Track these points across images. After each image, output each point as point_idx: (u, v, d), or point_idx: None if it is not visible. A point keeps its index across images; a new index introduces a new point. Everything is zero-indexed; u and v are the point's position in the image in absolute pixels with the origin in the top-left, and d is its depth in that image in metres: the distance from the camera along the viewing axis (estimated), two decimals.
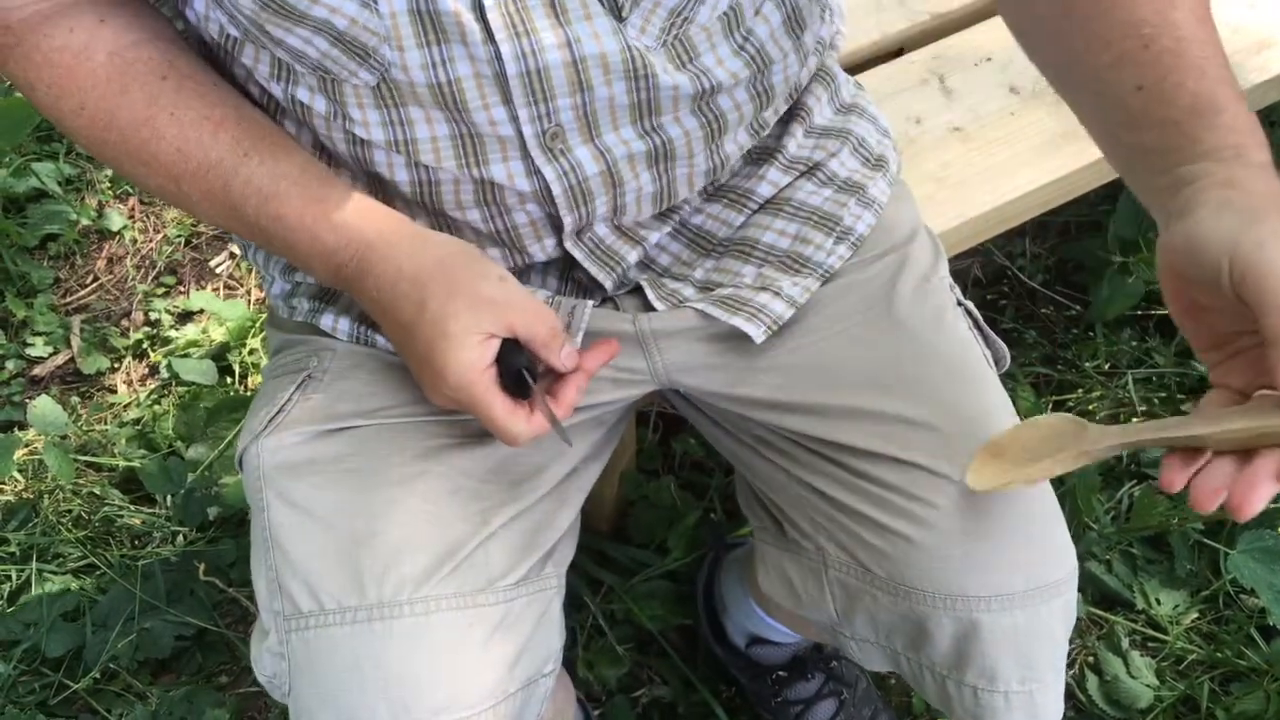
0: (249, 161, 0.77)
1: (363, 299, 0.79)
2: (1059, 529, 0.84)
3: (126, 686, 1.40)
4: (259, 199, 0.77)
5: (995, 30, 1.43)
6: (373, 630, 0.75)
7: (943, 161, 1.30)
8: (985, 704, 0.85)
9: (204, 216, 0.82)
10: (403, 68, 0.74)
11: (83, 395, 1.69)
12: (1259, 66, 1.40)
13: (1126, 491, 1.55)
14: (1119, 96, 0.69)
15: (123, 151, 0.78)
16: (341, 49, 0.74)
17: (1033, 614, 0.81)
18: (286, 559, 0.79)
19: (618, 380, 0.91)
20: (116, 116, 0.77)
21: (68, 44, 0.76)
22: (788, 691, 1.34)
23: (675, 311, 0.90)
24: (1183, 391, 1.64)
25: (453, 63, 0.74)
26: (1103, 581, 1.48)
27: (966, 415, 0.83)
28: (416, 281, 0.76)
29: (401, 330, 0.77)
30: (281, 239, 0.78)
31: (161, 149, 0.77)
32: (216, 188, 0.78)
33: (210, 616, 1.45)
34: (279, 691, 0.81)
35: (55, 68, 0.76)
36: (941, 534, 0.81)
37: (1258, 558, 1.36)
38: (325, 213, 0.77)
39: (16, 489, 1.57)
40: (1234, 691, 1.39)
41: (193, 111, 0.77)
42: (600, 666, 1.40)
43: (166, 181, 0.79)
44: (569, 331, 0.87)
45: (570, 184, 0.81)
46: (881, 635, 0.88)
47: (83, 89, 0.76)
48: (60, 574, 1.49)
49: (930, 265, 0.93)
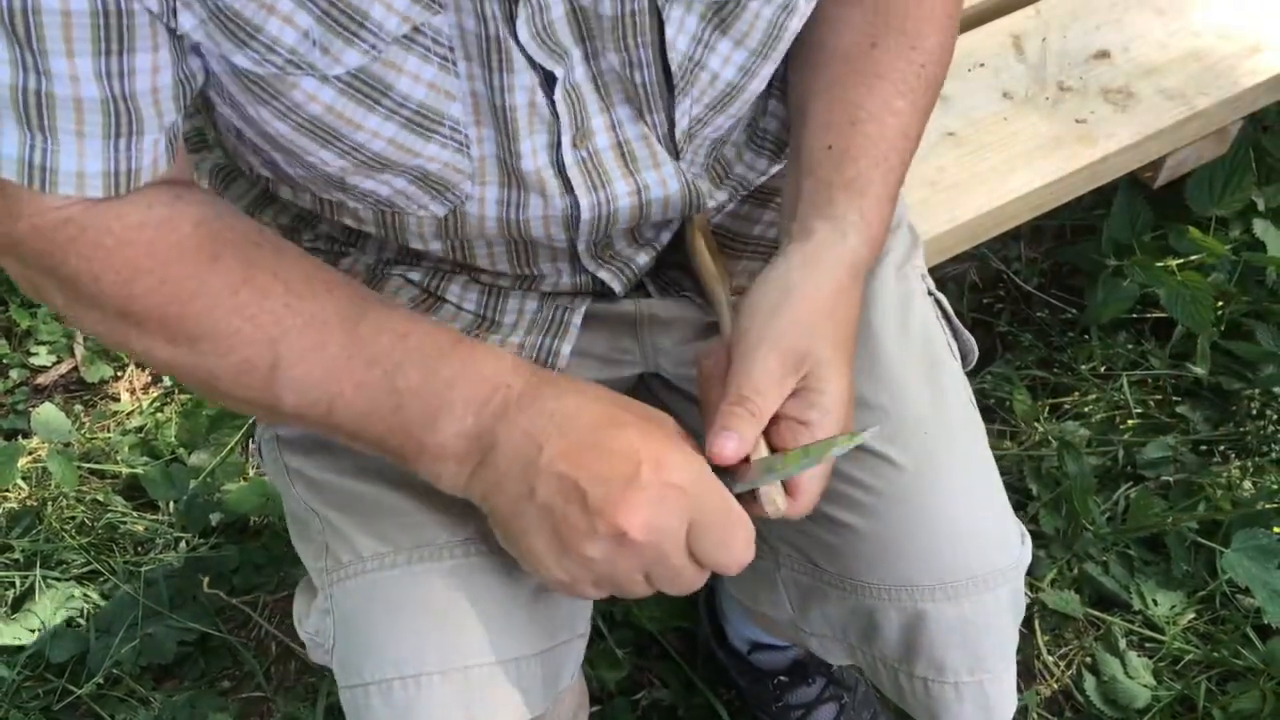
0: (376, 309, 0.73)
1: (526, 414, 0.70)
2: (1006, 518, 0.85)
3: (130, 692, 1.40)
4: (394, 336, 0.72)
5: (988, 37, 1.45)
6: (413, 573, 0.75)
7: (937, 166, 1.31)
8: (936, 695, 0.85)
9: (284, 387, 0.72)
10: (480, 200, 0.78)
11: (86, 403, 1.70)
12: (1249, 70, 1.41)
13: (1123, 493, 1.56)
14: (813, 147, 0.81)
15: (204, 320, 0.71)
16: (420, 186, 0.76)
17: (977, 603, 0.81)
18: (324, 520, 0.80)
19: (607, 360, 0.93)
20: (206, 284, 0.71)
21: (147, 220, 0.70)
22: (789, 696, 1.35)
23: (673, 300, 0.93)
24: (1178, 394, 1.65)
25: (526, 207, 0.78)
26: (1099, 582, 1.48)
27: (920, 401, 0.84)
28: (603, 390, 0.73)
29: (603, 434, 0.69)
30: (418, 373, 0.71)
31: (265, 307, 0.71)
32: (332, 338, 0.71)
33: (213, 622, 1.46)
34: (321, 649, 0.81)
35: (132, 246, 0.70)
36: (884, 521, 0.82)
37: (1251, 556, 1.36)
38: (482, 344, 0.74)
39: (20, 496, 1.59)
40: (1231, 691, 1.40)
41: (299, 271, 0.73)
42: (600, 669, 1.40)
43: (256, 350, 0.71)
44: (573, 307, 0.91)
45: (617, 269, 0.89)
46: (837, 630, 0.90)
47: (165, 263, 0.70)
48: (64, 580, 1.50)
49: (905, 255, 0.95)
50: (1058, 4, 1.48)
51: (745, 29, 0.75)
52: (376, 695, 0.75)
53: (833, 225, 0.77)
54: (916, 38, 0.83)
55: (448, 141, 0.73)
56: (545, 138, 0.75)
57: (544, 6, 0.68)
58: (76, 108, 0.64)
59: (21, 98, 0.64)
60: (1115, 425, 1.63)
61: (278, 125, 0.71)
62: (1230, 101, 1.40)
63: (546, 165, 0.76)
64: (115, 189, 0.69)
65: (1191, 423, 1.62)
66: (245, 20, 0.64)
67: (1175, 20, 1.46)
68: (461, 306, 0.89)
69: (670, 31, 0.73)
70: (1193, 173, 1.59)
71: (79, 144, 0.66)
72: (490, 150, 0.75)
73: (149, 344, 0.73)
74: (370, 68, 0.68)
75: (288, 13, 0.64)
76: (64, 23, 0.61)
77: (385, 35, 0.66)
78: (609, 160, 0.78)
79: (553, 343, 0.88)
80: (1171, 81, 1.40)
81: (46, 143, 0.65)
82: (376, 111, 0.70)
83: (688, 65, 0.75)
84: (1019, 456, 1.59)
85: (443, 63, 0.70)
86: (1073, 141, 1.33)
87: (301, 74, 0.67)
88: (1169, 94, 1.38)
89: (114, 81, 0.64)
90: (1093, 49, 1.43)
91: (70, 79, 0.63)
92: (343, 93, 0.69)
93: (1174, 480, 1.56)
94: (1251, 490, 1.52)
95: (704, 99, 0.78)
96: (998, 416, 1.65)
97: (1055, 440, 1.58)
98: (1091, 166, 1.33)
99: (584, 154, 0.77)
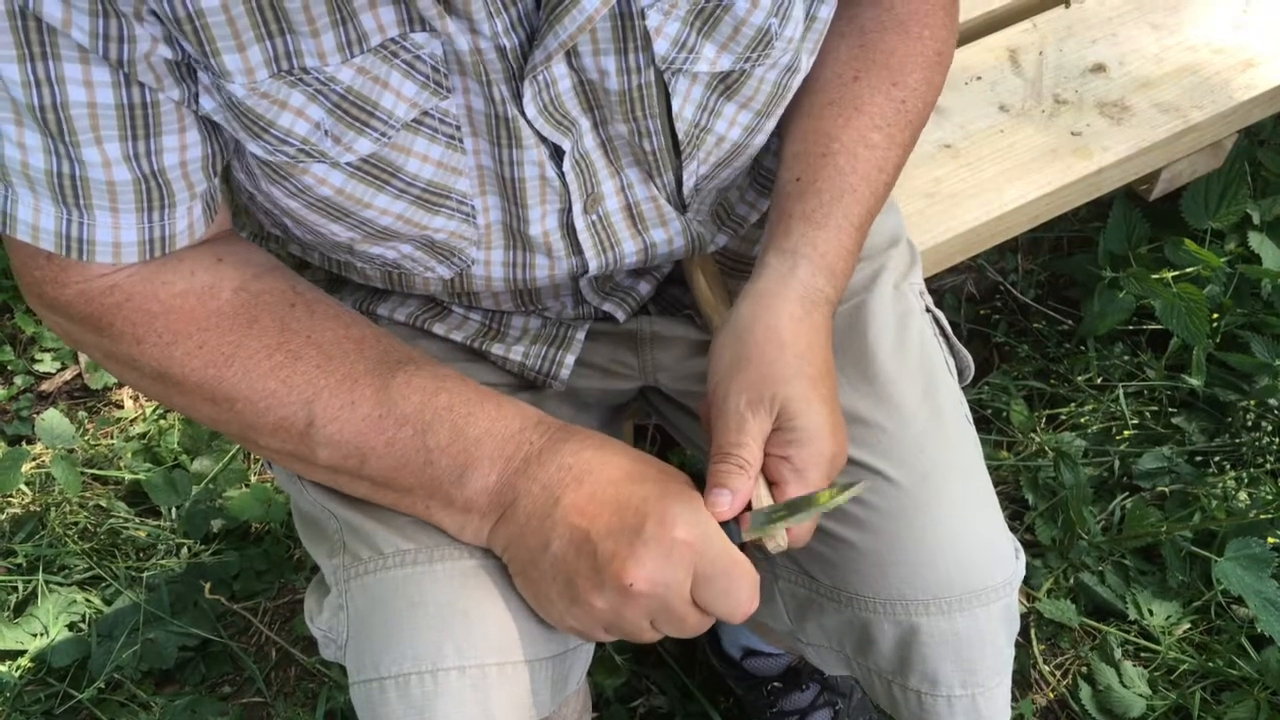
0: (406, 368, 0.75)
1: (545, 469, 0.73)
2: (999, 533, 0.85)
3: (131, 696, 1.41)
4: (423, 395, 0.74)
5: (985, 51, 1.46)
6: (434, 571, 0.76)
7: (934, 177, 1.32)
8: (929, 708, 0.86)
9: (319, 444, 0.75)
10: (485, 263, 0.80)
11: (90, 410, 1.71)
12: (1244, 84, 1.42)
13: (1119, 503, 1.57)
14: (784, 177, 0.82)
15: (241, 384, 0.74)
16: (427, 252, 0.78)
17: (971, 618, 0.82)
18: (340, 520, 0.81)
19: (608, 371, 0.95)
20: (242, 347, 0.74)
21: (190, 287, 0.74)
22: (783, 702, 1.35)
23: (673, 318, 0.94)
24: (1173, 405, 1.66)
25: (532, 267, 0.80)
26: (1095, 592, 1.49)
27: (918, 418, 0.85)
28: (621, 445, 0.75)
29: (614, 488, 0.72)
30: (447, 431, 0.74)
31: (298, 370, 0.74)
32: (364, 395, 0.74)
33: (214, 627, 1.47)
34: (333, 646, 0.81)
35: (175, 314, 0.74)
36: (881, 538, 0.82)
37: (1244, 565, 1.37)
38: (509, 400, 0.76)
39: (24, 501, 1.60)
40: (1225, 701, 1.40)
41: (330, 333, 0.76)
42: (599, 675, 1.41)
43: (291, 410, 0.74)
44: (571, 341, 0.92)
45: (621, 303, 0.90)
46: (833, 641, 0.90)
47: (204, 329, 0.74)
48: (66, 585, 1.51)
49: (903, 272, 0.96)
50: (1054, 18, 1.50)
51: (750, 93, 0.77)
52: (393, 689, 0.75)
53: (782, 258, 0.79)
54: (900, 73, 0.84)
55: (454, 213, 0.75)
56: (556, 205, 0.77)
57: (551, 82, 0.70)
58: (109, 189, 0.67)
59: (56, 181, 0.66)
60: (1111, 436, 1.64)
61: (288, 203, 0.73)
62: (1225, 115, 1.41)
63: (555, 229, 0.78)
64: (150, 254, 0.71)
65: (1187, 434, 1.63)
66: (258, 116, 0.66)
67: (1170, 35, 1.48)
68: (468, 317, 0.91)
69: (677, 103, 0.74)
70: (1188, 186, 1.61)
71: (114, 219, 0.69)
72: (496, 218, 0.77)
73: (188, 402, 0.76)
74: (380, 152, 0.70)
75: (300, 106, 0.66)
76: (90, 114, 0.64)
77: (395, 122, 0.68)
78: (618, 222, 0.80)
79: (557, 353, 0.90)
80: (1166, 95, 1.41)
81: (83, 218, 0.68)
82: (386, 191, 0.72)
83: (694, 131, 0.77)
84: (1015, 466, 1.60)
85: (450, 141, 0.71)
86: (1069, 154, 1.35)
87: (313, 161, 0.69)
88: (1164, 107, 1.40)
89: (142, 162, 0.67)
90: (1088, 63, 1.44)
91: (102, 165, 0.66)
92: (353, 176, 0.71)
93: (1170, 491, 1.57)
94: (1247, 501, 1.53)
95: (710, 159, 0.80)
96: (994, 427, 1.66)
97: (1051, 450, 1.59)
98: (1087, 179, 1.34)
99: (594, 218, 0.79)
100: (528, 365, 0.89)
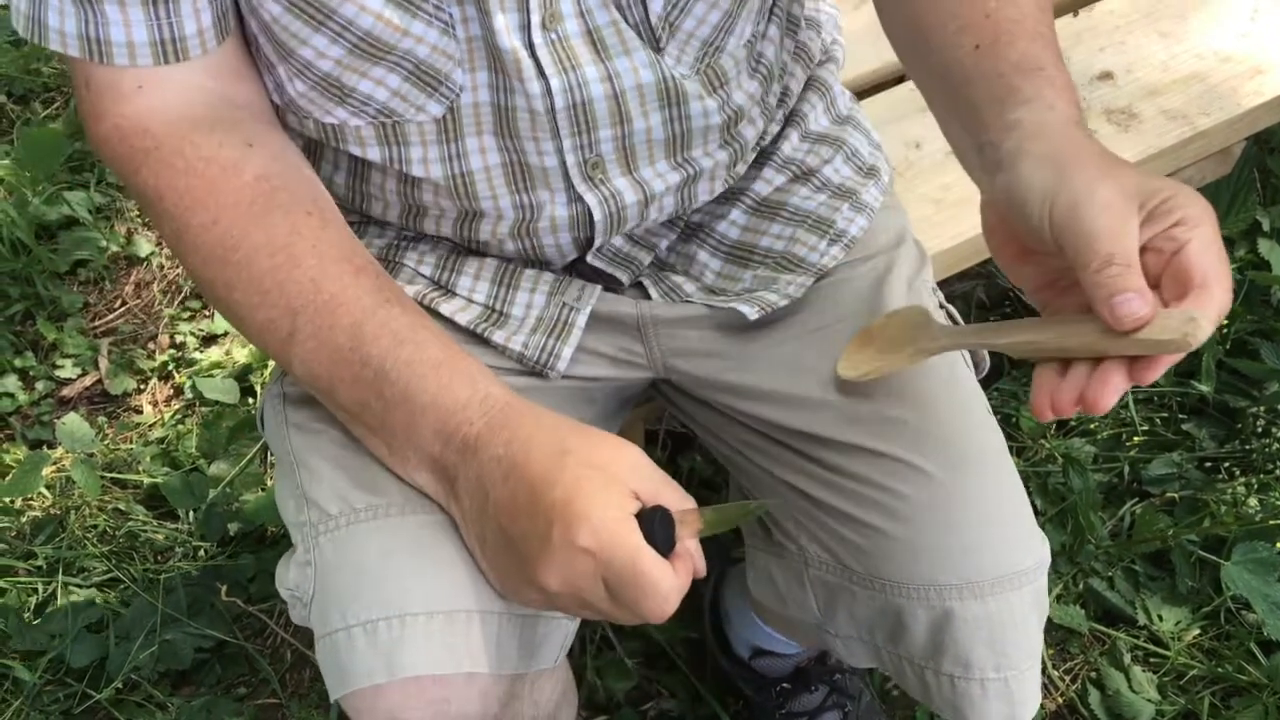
0: (390, 308, 0.76)
1: (479, 459, 0.73)
2: (1027, 520, 0.87)
3: (148, 697, 1.43)
4: (392, 341, 0.74)
5: None
6: (405, 522, 0.77)
7: (942, 184, 1.33)
8: (962, 692, 0.87)
9: (296, 356, 0.76)
10: (473, 88, 0.80)
11: (110, 415, 1.74)
12: (1253, 91, 1.43)
13: (1128, 509, 1.57)
14: (958, 57, 0.76)
15: (242, 273, 0.75)
16: (414, 82, 0.79)
17: (1003, 601, 0.84)
18: (313, 475, 0.82)
19: (615, 360, 0.96)
20: (250, 237, 0.75)
21: (215, 156, 0.75)
22: (792, 704, 1.36)
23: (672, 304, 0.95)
24: (1183, 411, 1.67)
25: (511, 94, 0.80)
26: (1105, 597, 1.49)
27: (940, 411, 0.86)
28: (557, 433, 0.72)
29: (529, 489, 0.70)
30: (400, 387, 0.74)
31: (294, 277, 0.75)
32: (343, 324, 0.74)
33: (230, 629, 1.48)
34: (299, 605, 0.81)
35: (196, 177, 0.75)
36: (913, 525, 0.84)
37: (1251, 569, 1.37)
38: (464, 368, 0.75)
39: (45, 504, 1.62)
40: (1234, 706, 1.40)
41: (336, 251, 0.76)
42: (609, 679, 1.42)
43: (278, 314, 0.75)
44: (578, 307, 0.92)
45: (610, 210, 0.87)
46: (863, 630, 0.91)
47: (221, 205, 0.75)
48: (85, 587, 1.53)
49: (915, 269, 0.97)
50: (1061, 26, 1.51)
51: None
52: (361, 636, 0.75)
53: (1032, 107, 0.71)
54: None
55: (433, 20, 0.76)
56: (517, 16, 0.76)
57: None
58: None
59: None
60: (1121, 442, 1.64)
61: (271, 7, 0.75)
62: (1233, 122, 1.42)
63: (521, 46, 0.77)
64: (164, 57, 0.74)
65: (1197, 440, 1.63)
66: None
67: (1178, 43, 1.48)
68: (472, 299, 0.92)
69: None
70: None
71: (123, 13, 0.72)
72: (475, 31, 0.77)
73: (195, 269, 0.78)
74: None
75: None
76: None
77: None
78: (578, 45, 0.79)
79: (555, 344, 0.91)
80: (1174, 102, 1.42)
81: (96, 16, 0.72)
82: None
83: None
84: (1025, 472, 1.60)
85: None
86: None
87: None
88: (1172, 115, 1.40)
89: None
90: (1096, 70, 1.45)
91: None
92: None
93: (1179, 497, 1.58)
94: (1257, 507, 1.53)
95: None
96: (1005, 432, 1.66)
97: (1061, 456, 1.59)
98: None
99: (554, 36, 0.78)
100: (527, 355, 0.91)
